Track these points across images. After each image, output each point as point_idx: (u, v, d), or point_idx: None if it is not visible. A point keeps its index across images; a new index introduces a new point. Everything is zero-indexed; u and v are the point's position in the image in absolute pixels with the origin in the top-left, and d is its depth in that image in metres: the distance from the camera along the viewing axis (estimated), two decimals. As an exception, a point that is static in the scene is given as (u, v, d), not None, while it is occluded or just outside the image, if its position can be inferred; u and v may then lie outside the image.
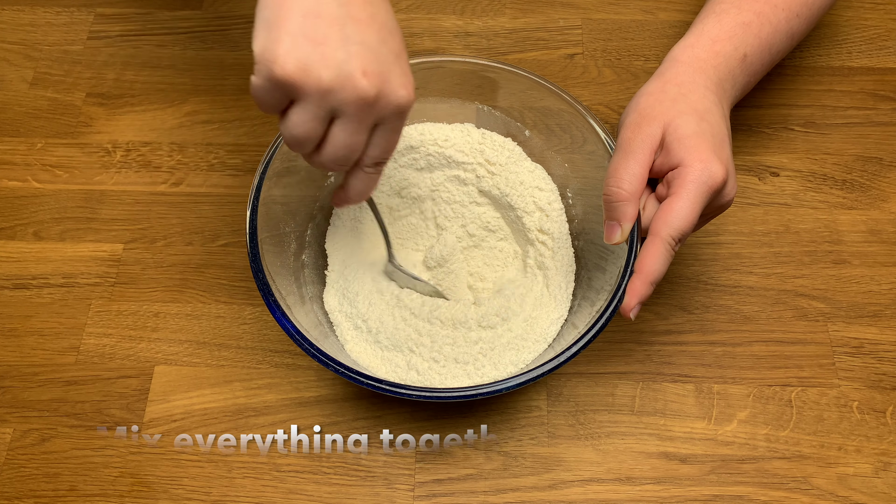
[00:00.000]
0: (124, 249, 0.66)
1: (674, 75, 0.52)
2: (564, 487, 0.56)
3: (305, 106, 0.41)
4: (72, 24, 0.78)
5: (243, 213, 0.67)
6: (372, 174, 0.47)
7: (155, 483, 0.56)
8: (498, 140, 0.63)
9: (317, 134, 0.43)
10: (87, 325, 0.62)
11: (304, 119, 0.42)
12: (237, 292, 0.63)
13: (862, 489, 0.55)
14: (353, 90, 0.41)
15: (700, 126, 0.49)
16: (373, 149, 0.45)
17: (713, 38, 0.54)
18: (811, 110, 0.72)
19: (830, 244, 0.65)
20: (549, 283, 0.59)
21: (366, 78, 0.41)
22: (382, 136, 0.45)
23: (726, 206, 0.52)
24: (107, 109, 0.73)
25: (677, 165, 0.48)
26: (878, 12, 0.78)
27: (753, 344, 0.61)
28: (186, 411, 0.58)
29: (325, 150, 0.44)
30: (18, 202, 0.68)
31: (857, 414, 0.58)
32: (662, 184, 0.50)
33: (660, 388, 0.59)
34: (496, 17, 0.78)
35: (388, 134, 0.45)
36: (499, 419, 0.58)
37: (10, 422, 0.58)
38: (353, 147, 0.44)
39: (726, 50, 0.53)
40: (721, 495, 0.55)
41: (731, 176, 0.49)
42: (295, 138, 0.43)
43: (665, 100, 0.50)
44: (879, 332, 0.61)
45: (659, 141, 0.49)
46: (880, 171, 0.69)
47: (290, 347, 0.61)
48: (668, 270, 0.63)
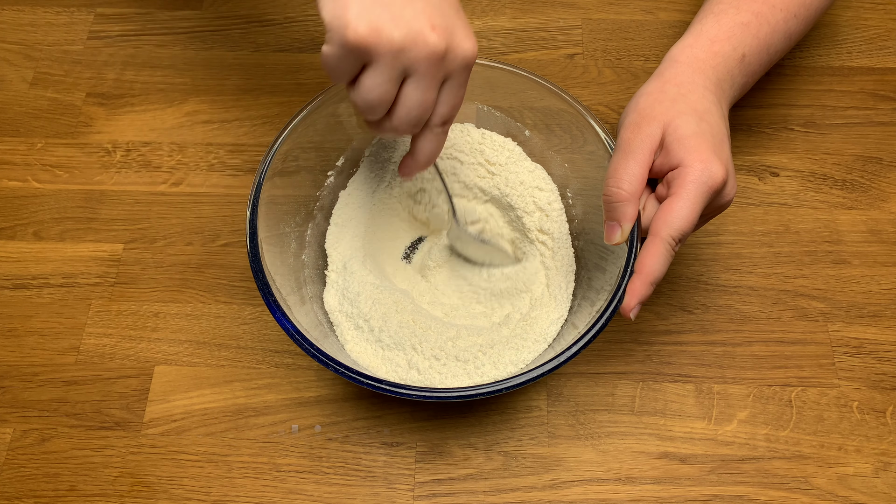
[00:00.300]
0: (124, 249, 0.66)
1: (673, 75, 0.52)
2: (564, 487, 0.56)
3: (379, 68, 0.42)
4: (72, 24, 0.78)
5: (243, 213, 0.67)
6: (440, 134, 0.48)
7: (155, 483, 0.56)
8: (498, 140, 0.63)
9: (390, 96, 0.43)
10: (87, 325, 0.62)
11: (378, 82, 0.42)
12: (237, 292, 0.63)
13: (862, 489, 0.55)
14: (425, 46, 0.42)
15: (700, 126, 0.49)
16: (441, 106, 0.46)
17: (712, 39, 0.54)
18: (811, 110, 0.72)
19: (830, 244, 0.65)
20: (549, 282, 0.59)
21: (435, 32, 0.42)
22: (450, 93, 0.46)
23: (726, 206, 0.52)
24: (107, 109, 0.73)
25: (677, 166, 0.48)
26: (878, 12, 0.78)
27: (753, 344, 0.61)
28: (186, 411, 0.58)
29: (398, 112, 0.44)
30: (18, 202, 0.68)
31: (857, 414, 0.58)
32: (662, 184, 0.50)
33: (660, 388, 0.59)
34: (496, 17, 0.78)
35: (455, 89, 0.46)
36: (499, 419, 0.58)
37: (10, 422, 0.58)
38: (426, 105, 0.45)
39: (725, 50, 0.53)
40: (721, 495, 0.55)
41: (731, 176, 0.49)
42: (369, 103, 0.43)
43: (664, 100, 0.50)
44: (879, 332, 0.61)
45: (659, 141, 0.49)
46: (880, 171, 0.69)
47: (290, 347, 0.61)
48: (668, 270, 0.63)
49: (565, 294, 0.58)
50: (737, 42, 0.54)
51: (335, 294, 0.59)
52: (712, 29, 0.54)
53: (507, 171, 0.62)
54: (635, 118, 0.50)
